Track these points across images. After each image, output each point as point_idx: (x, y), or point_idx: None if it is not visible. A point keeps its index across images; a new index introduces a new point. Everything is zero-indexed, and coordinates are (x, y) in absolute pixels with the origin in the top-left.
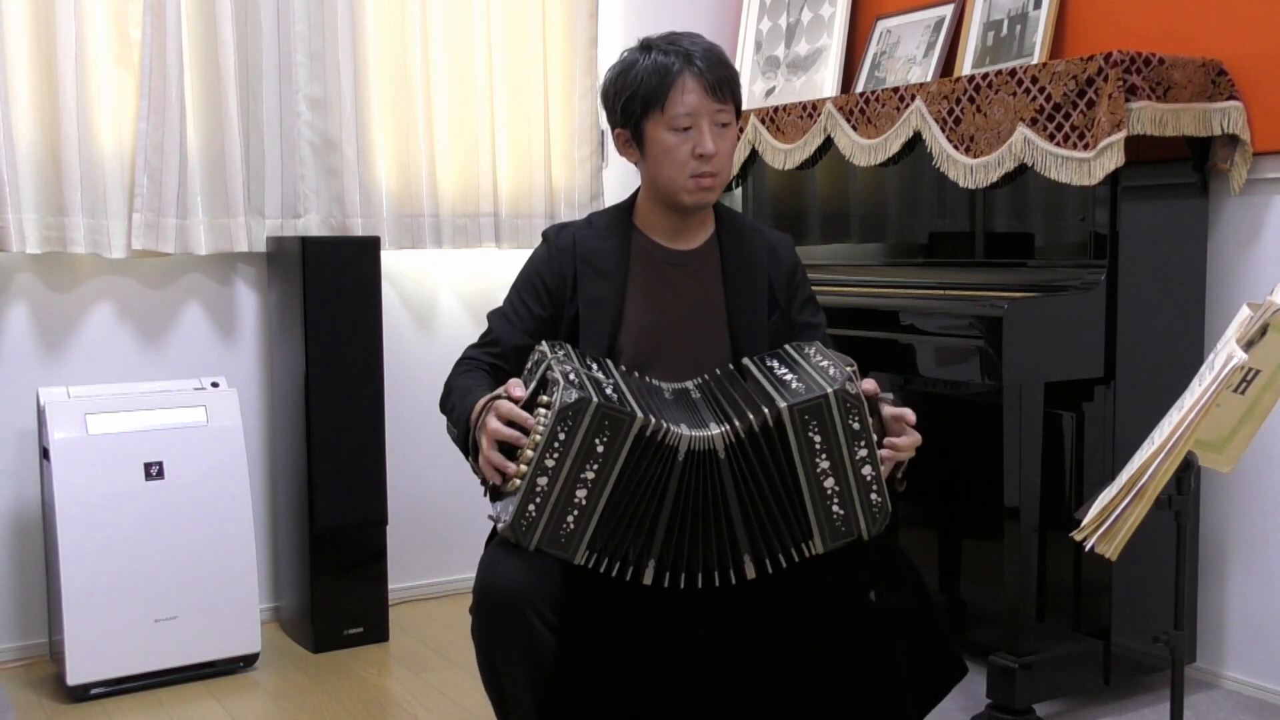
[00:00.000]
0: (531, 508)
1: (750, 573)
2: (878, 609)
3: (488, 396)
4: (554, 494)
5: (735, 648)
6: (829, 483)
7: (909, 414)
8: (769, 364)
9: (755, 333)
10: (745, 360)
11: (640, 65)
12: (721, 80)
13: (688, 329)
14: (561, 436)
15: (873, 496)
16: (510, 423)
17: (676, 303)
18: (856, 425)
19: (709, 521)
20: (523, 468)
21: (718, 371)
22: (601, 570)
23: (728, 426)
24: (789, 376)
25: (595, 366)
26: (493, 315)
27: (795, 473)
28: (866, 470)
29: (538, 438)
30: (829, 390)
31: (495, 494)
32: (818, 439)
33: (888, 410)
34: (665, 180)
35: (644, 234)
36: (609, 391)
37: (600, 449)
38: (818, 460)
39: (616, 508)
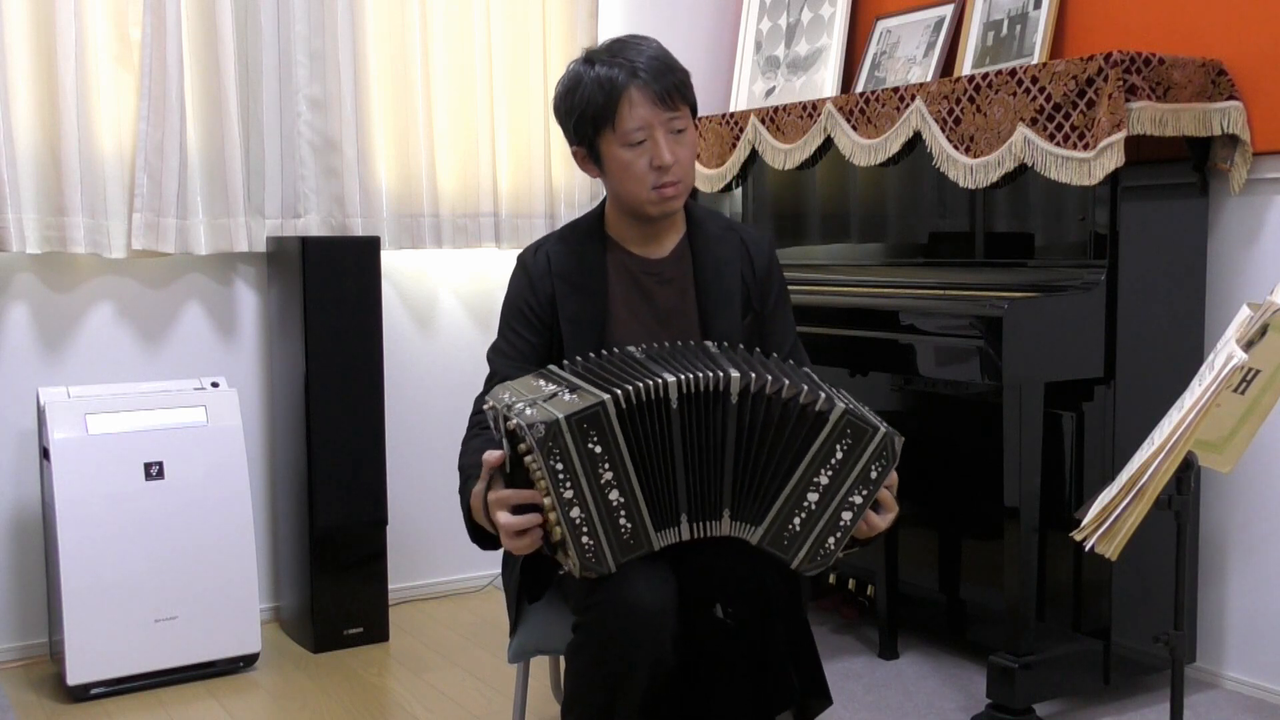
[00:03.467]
0: (585, 540)
1: (725, 529)
2: (721, 624)
3: (475, 494)
4: (593, 514)
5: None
6: (812, 496)
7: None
8: (827, 383)
9: (729, 337)
10: (805, 369)
11: (585, 81)
12: (670, 87)
13: (663, 339)
14: (559, 466)
15: (830, 540)
16: (516, 507)
17: (653, 312)
18: (874, 475)
19: (705, 463)
20: (552, 516)
21: (745, 348)
22: (684, 540)
23: (754, 377)
24: (845, 398)
25: (544, 382)
26: (492, 356)
27: (796, 466)
28: (846, 516)
29: (544, 484)
30: (883, 429)
31: (552, 550)
32: (838, 456)
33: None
34: (627, 195)
35: (617, 244)
36: (569, 397)
37: (598, 449)
38: (822, 472)
39: (651, 482)
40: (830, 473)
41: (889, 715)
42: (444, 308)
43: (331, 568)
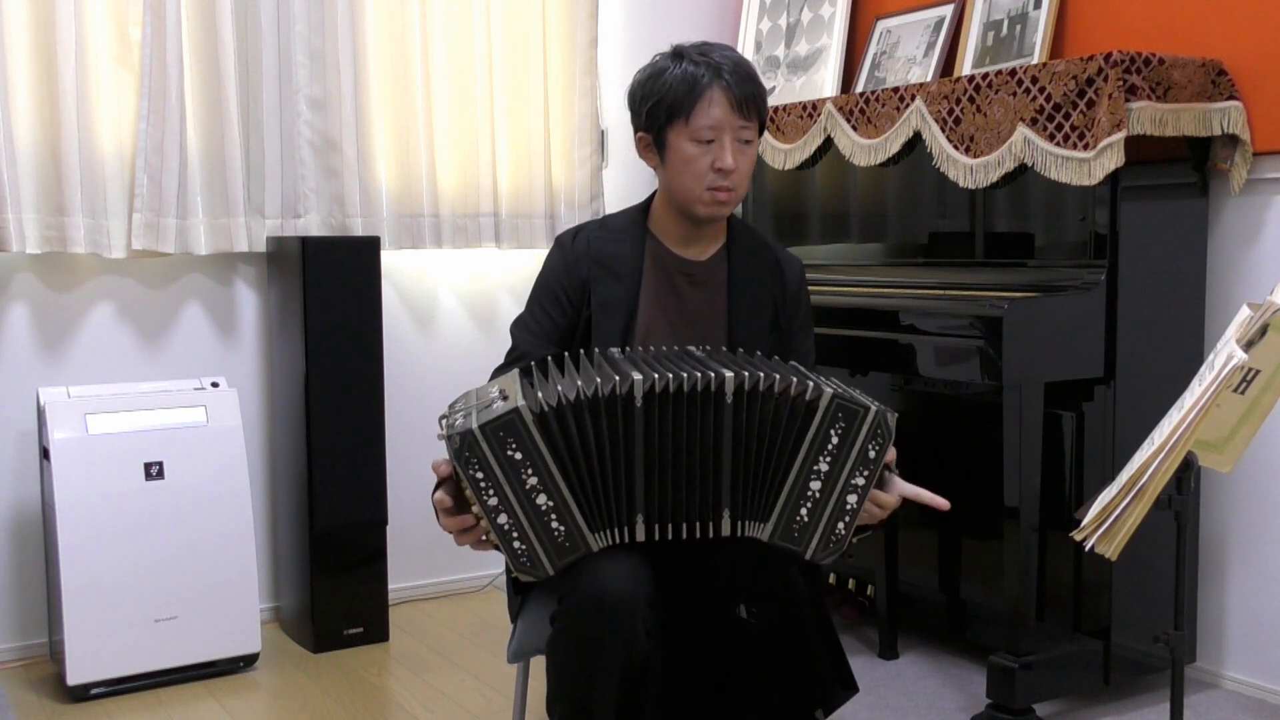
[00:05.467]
0: (517, 545)
1: (726, 529)
2: (745, 624)
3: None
4: (521, 520)
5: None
6: (814, 485)
7: (924, 495)
8: (817, 373)
9: (751, 348)
10: (793, 362)
11: (670, 73)
12: (748, 96)
13: (688, 338)
14: (479, 475)
15: (839, 526)
16: (449, 508)
17: (681, 310)
18: (872, 455)
19: (694, 465)
20: (483, 523)
21: (739, 350)
22: (619, 542)
23: (747, 374)
24: (833, 384)
25: (495, 388)
26: (515, 328)
27: (794, 456)
28: (851, 499)
29: (469, 492)
30: (874, 407)
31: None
32: (834, 441)
33: (907, 488)
34: (682, 189)
35: (657, 239)
36: (496, 405)
37: (518, 455)
38: (820, 459)
39: (583, 485)
40: (829, 459)
41: (889, 715)
42: (444, 308)
43: (331, 568)
